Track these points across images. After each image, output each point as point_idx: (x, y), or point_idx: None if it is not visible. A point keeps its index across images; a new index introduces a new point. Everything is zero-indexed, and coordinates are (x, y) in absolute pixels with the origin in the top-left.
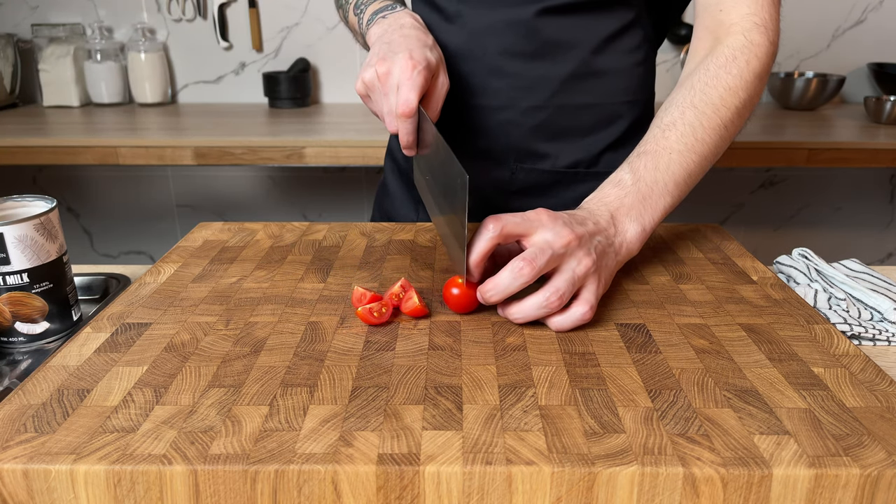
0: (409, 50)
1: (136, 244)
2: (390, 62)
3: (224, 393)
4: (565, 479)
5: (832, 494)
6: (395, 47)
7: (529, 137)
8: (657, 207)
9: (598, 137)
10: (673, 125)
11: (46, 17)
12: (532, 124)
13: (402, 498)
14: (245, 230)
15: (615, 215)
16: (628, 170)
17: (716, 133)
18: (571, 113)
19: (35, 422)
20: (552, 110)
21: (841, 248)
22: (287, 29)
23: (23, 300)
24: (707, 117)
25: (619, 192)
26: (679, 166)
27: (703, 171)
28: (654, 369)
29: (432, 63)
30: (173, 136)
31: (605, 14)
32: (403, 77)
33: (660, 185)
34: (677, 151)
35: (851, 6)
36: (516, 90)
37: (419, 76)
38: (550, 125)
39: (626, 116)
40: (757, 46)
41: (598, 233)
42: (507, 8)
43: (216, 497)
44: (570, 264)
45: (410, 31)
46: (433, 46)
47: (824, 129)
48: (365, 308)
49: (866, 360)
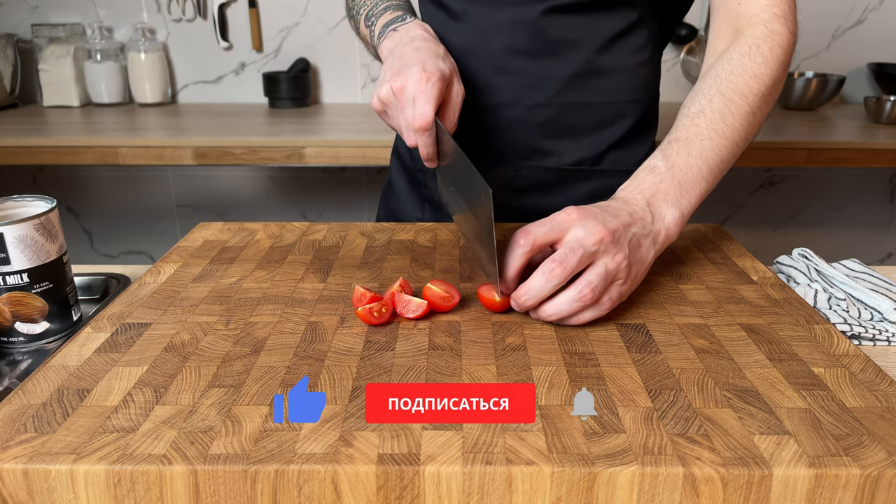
0: (422, 62)
1: (136, 244)
2: (404, 77)
3: (224, 393)
4: (565, 479)
5: (832, 494)
6: (407, 61)
7: (534, 135)
8: (693, 193)
9: (603, 136)
10: (702, 113)
11: (46, 17)
12: (537, 122)
13: (402, 498)
14: (245, 230)
15: (651, 202)
16: (661, 157)
17: (745, 119)
18: (576, 111)
19: (35, 422)
20: (557, 108)
21: (841, 248)
22: (287, 29)
23: (23, 300)
24: (735, 104)
25: (654, 178)
26: (712, 152)
27: (733, 157)
28: (654, 369)
29: (446, 73)
30: (173, 136)
31: (610, 14)
32: (418, 90)
33: (694, 171)
34: (709, 138)
35: (851, 6)
36: (521, 88)
37: (433, 88)
38: (555, 123)
39: (630, 115)
40: (779, 35)
41: (634, 223)
42: (512, 7)
43: (216, 497)
44: (602, 260)
45: (422, 44)
46: (445, 56)
47: (824, 129)
48: (365, 308)
49: (866, 360)
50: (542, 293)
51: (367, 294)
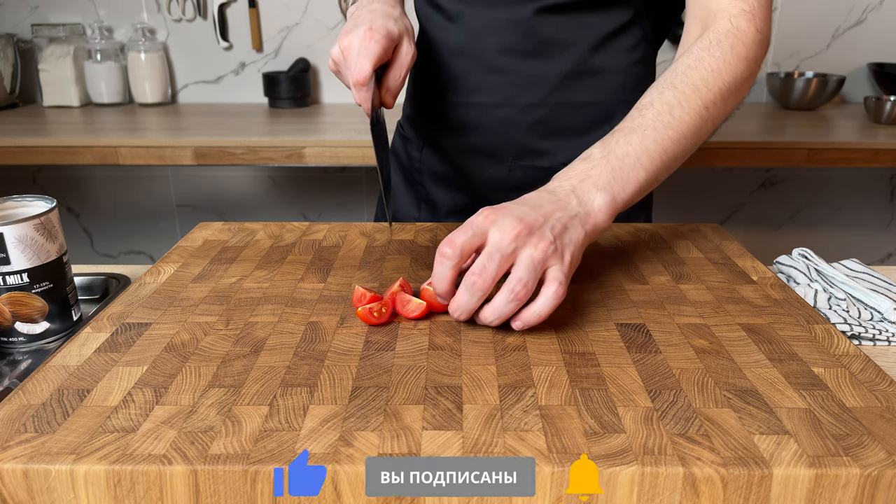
0: (371, 21)
1: (136, 244)
2: (352, 35)
3: (224, 393)
4: (565, 480)
5: (832, 494)
6: (358, 21)
7: (527, 135)
8: (629, 180)
9: (596, 135)
10: (650, 105)
11: (46, 17)
12: (530, 122)
13: (402, 498)
14: (245, 230)
15: (578, 187)
16: (600, 146)
17: (695, 113)
18: (569, 111)
19: (35, 422)
20: (550, 108)
21: (841, 248)
22: (287, 29)
23: (23, 300)
24: (686, 97)
25: (585, 165)
26: (653, 141)
27: (683, 151)
28: (654, 369)
29: (393, 33)
30: (173, 136)
31: (603, 13)
32: (361, 47)
33: (631, 158)
34: (652, 128)
35: (851, 6)
36: (514, 88)
37: (376, 45)
38: (548, 123)
39: (623, 115)
40: (742, 32)
41: (556, 210)
42: (505, 6)
43: (216, 497)
44: (525, 252)
45: (377, 6)
46: (400, 17)
47: (824, 129)
48: (365, 308)
49: (866, 360)
50: (470, 306)
51: (367, 294)
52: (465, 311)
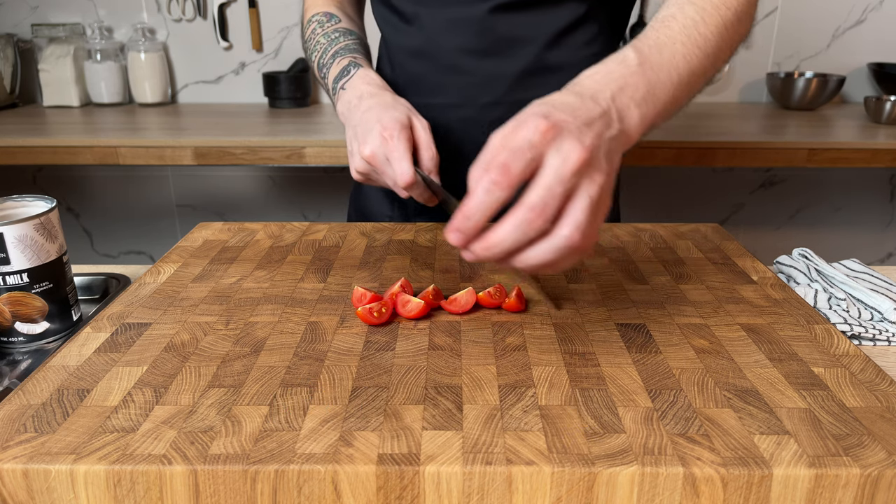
0: (379, 121)
1: (136, 244)
2: (370, 143)
3: (224, 393)
4: (565, 479)
5: (832, 494)
6: (366, 126)
7: (487, 134)
8: (659, 99)
9: None
10: (673, 18)
11: (46, 17)
12: (489, 120)
13: (402, 498)
14: (245, 230)
15: (617, 97)
16: (633, 51)
17: (717, 31)
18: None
19: (35, 422)
20: (508, 106)
21: (841, 248)
22: (287, 29)
23: (23, 300)
24: (708, 13)
25: (622, 70)
26: (683, 58)
27: (704, 74)
28: (654, 369)
29: (403, 120)
30: (173, 136)
31: (557, 8)
32: (388, 151)
33: (664, 74)
34: (681, 43)
35: (851, 6)
36: (472, 87)
37: (400, 143)
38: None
39: None
40: None
41: (604, 130)
42: (460, 6)
43: (216, 497)
44: (551, 162)
45: (370, 101)
46: (393, 100)
47: (824, 129)
48: (365, 308)
49: (866, 360)
50: (513, 246)
51: (367, 294)
52: (504, 251)
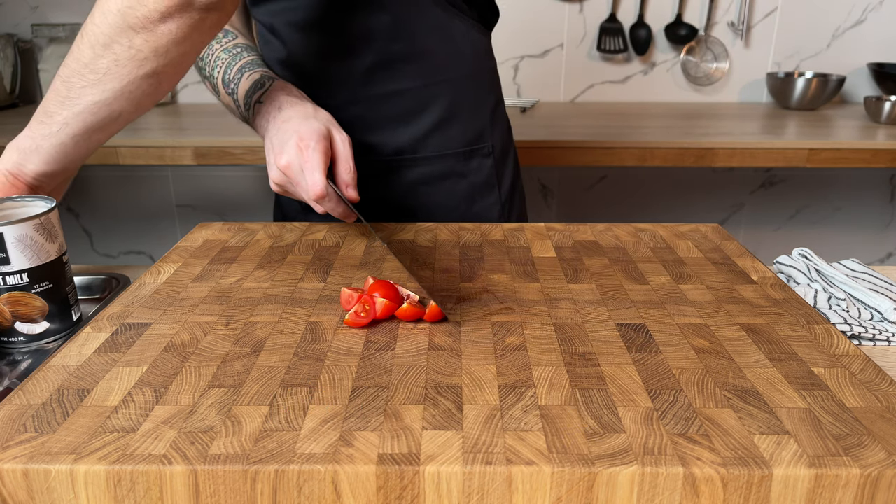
0: (297, 132)
1: (136, 244)
2: (286, 153)
3: (224, 393)
4: (565, 479)
5: (832, 494)
6: (283, 136)
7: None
8: None
9: (420, 122)
10: None
11: (46, 17)
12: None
13: (402, 498)
14: (245, 230)
15: None
16: None
17: None
18: (381, 102)
19: (35, 422)
20: (362, 103)
21: (841, 248)
22: None
23: (23, 300)
24: None
25: None
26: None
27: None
28: (654, 369)
29: (322, 130)
30: (173, 136)
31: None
32: (303, 161)
33: None
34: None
35: (851, 6)
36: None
37: (315, 153)
38: (365, 117)
39: (443, 96)
40: None
41: None
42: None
43: (216, 497)
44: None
45: (290, 112)
46: (314, 112)
47: (824, 129)
48: (350, 314)
49: (866, 360)
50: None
51: (355, 294)
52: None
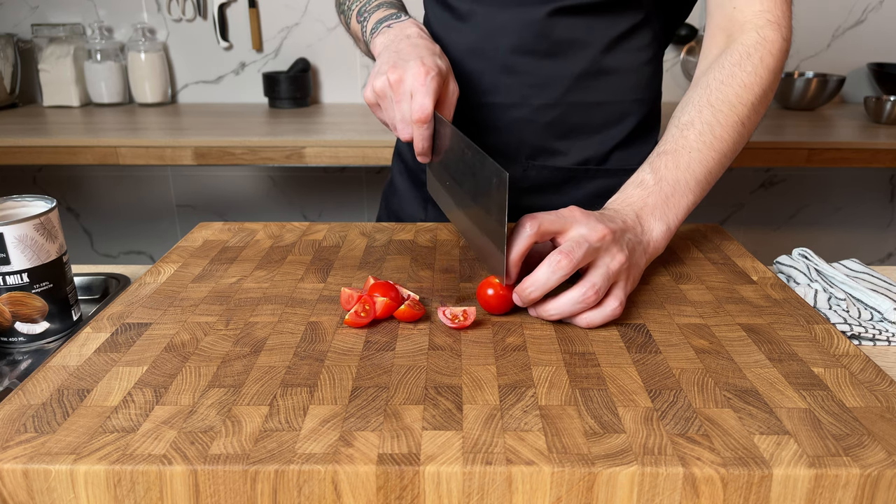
0: (421, 57)
1: (136, 244)
2: (402, 69)
3: (224, 393)
4: (565, 479)
5: (832, 494)
6: (404, 55)
7: (541, 135)
8: (680, 206)
9: (609, 135)
10: (691, 124)
11: (46, 17)
12: (544, 122)
13: (402, 498)
14: (245, 230)
15: (640, 215)
16: (649, 170)
17: (734, 130)
18: (582, 110)
19: (35, 422)
20: (564, 108)
21: (841, 248)
22: (287, 29)
23: (23, 300)
24: (724, 115)
25: (641, 192)
26: (699, 164)
27: (722, 168)
28: (654, 369)
29: (443, 70)
30: (173, 136)
31: (616, 15)
32: (417, 83)
33: (682, 185)
34: (697, 150)
35: (851, 6)
36: (528, 88)
37: (433, 82)
38: (562, 123)
39: (635, 114)
40: (770, 43)
41: (628, 230)
42: (519, 8)
43: (216, 497)
44: (604, 259)
45: (418, 41)
46: (441, 55)
47: (824, 129)
48: (350, 314)
49: (866, 360)
50: (547, 284)
51: (355, 294)
52: (540, 289)
